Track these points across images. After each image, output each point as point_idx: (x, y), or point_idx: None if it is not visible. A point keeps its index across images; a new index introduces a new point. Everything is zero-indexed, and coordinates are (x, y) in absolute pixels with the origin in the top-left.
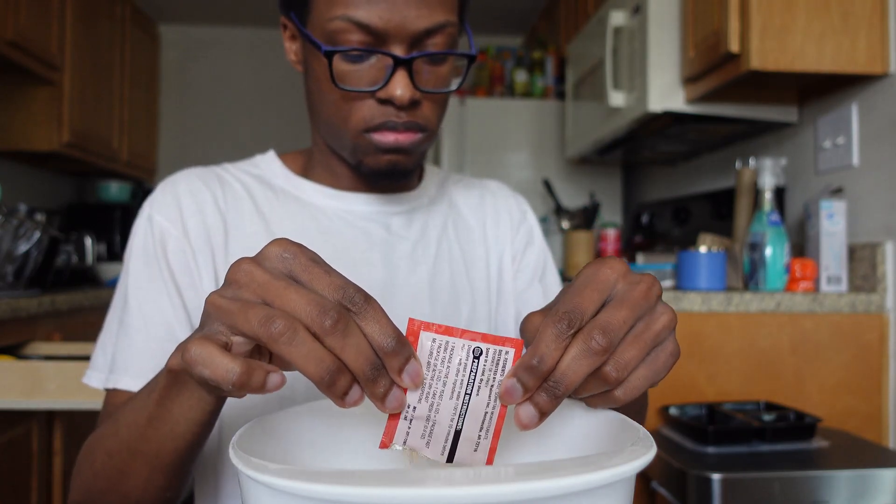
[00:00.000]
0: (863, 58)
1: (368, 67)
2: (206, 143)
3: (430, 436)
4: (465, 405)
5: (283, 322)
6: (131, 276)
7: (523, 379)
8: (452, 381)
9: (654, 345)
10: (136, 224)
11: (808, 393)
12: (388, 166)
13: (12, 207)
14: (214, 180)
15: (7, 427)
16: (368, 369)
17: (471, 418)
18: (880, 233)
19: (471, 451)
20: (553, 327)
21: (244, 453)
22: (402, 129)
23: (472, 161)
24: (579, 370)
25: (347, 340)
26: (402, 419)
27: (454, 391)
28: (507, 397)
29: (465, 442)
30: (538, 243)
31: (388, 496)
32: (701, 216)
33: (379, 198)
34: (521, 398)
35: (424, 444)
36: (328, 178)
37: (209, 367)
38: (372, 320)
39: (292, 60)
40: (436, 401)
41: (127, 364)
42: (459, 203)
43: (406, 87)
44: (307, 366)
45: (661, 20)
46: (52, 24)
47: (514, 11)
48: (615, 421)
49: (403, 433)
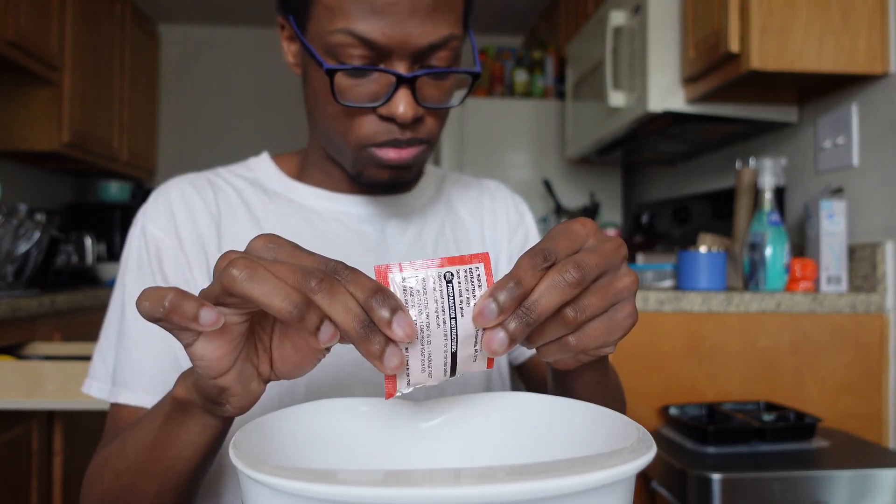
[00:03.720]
0: (863, 58)
1: (370, 82)
2: (206, 143)
3: (430, 366)
4: (454, 329)
5: (241, 261)
6: (128, 289)
7: (500, 299)
8: (435, 311)
9: (614, 301)
10: (131, 234)
11: (808, 393)
12: (389, 180)
13: (12, 207)
14: (206, 186)
15: (7, 427)
16: (359, 326)
17: (462, 339)
18: (880, 233)
19: (470, 363)
20: (529, 259)
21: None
22: (404, 146)
23: (472, 161)
24: (552, 299)
25: (335, 298)
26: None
27: (439, 319)
28: (479, 318)
29: (462, 359)
30: (533, 240)
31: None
32: (701, 216)
33: (375, 200)
34: (495, 320)
35: (427, 376)
36: (323, 180)
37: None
38: (356, 283)
39: (290, 62)
40: (425, 334)
41: (127, 378)
42: (457, 203)
43: (409, 105)
44: (273, 301)
45: (661, 20)
46: (52, 24)
47: (514, 11)
48: (615, 421)
49: (404, 375)
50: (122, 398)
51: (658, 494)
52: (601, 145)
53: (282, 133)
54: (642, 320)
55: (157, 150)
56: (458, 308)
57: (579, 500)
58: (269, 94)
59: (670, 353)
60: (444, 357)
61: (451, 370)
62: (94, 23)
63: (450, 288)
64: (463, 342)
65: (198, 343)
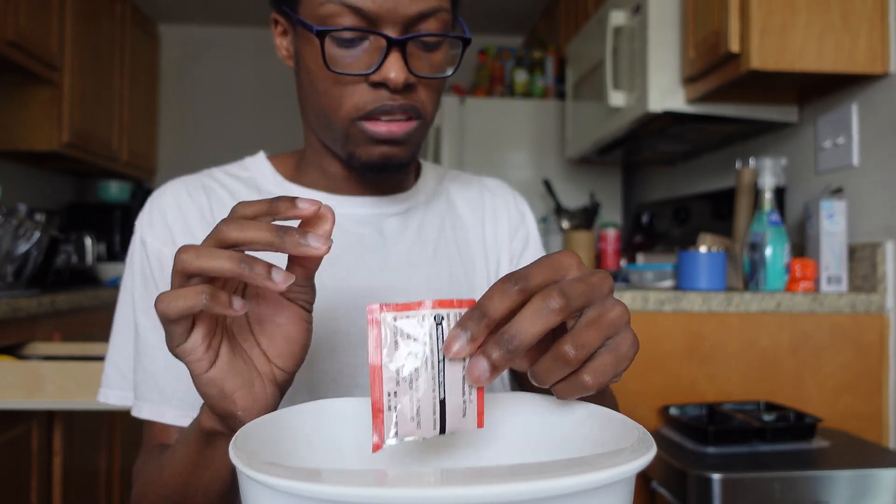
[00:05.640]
0: (863, 57)
1: (361, 52)
2: (206, 143)
3: (419, 415)
4: (441, 373)
5: (186, 248)
6: (138, 303)
7: (467, 326)
8: (423, 353)
9: (610, 333)
10: (132, 247)
11: (808, 393)
12: (380, 159)
13: (12, 207)
14: (199, 190)
15: (7, 427)
16: (274, 235)
17: (450, 385)
18: (880, 233)
19: (460, 417)
20: (500, 284)
21: (244, 453)
22: (397, 113)
23: (472, 161)
24: (534, 326)
25: (245, 227)
26: (386, 410)
27: (427, 362)
28: (450, 345)
29: (452, 410)
30: (534, 246)
31: (388, 496)
32: (701, 216)
33: (373, 200)
34: (466, 346)
35: (415, 426)
36: (320, 180)
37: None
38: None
39: (283, 56)
40: (412, 376)
41: (149, 394)
42: (457, 200)
43: (400, 70)
44: (223, 265)
45: (661, 20)
46: (52, 24)
47: (514, 11)
48: (615, 421)
49: (392, 424)
50: (145, 413)
51: (658, 494)
52: (601, 145)
53: (282, 133)
54: (643, 320)
55: (157, 150)
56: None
57: (579, 500)
58: (269, 94)
59: (670, 353)
60: (433, 405)
61: (441, 422)
62: (93, 23)
63: (439, 331)
64: (451, 387)
65: (189, 339)
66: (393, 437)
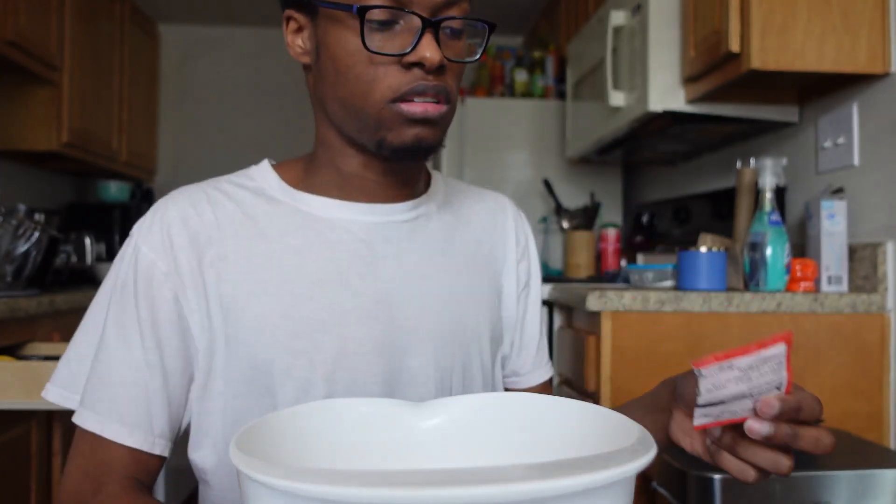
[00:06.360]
0: (863, 57)
1: (394, 35)
2: (206, 143)
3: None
4: (755, 399)
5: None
6: (111, 309)
7: (778, 409)
8: (741, 388)
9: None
10: (124, 250)
11: None
12: (413, 141)
13: (12, 207)
14: (205, 204)
15: (6, 427)
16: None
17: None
18: (881, 233)
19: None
20: (814, 402)
21: (244, 453)
22: (430, 94)
23: (472, 161)
24: (800, 441)
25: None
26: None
27: (748, 391)
28: (763, 411)
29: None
30: (535, 283)
31: (388, 496)
32: (701, 216)
33: (383, 207)
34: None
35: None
36: (331, 186)
37: None
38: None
39: (297, 53)
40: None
41: (96, 404)
42: (468, 214)
43: (435, 50)
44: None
45: (661, 20)
46: (52, 24)
47: (514, 11)
48: (615, 421)
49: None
50: (89, 424)
51: (658, 494)
52: (601, 145)
53: (282, 133)
54: (643, 320)
55: (156, 150)
56: (764, 389)
57: (579, 500)
58: (268, 94)
59: (671, 353)
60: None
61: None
62: (93, 23)
63: (755, 374)
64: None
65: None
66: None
